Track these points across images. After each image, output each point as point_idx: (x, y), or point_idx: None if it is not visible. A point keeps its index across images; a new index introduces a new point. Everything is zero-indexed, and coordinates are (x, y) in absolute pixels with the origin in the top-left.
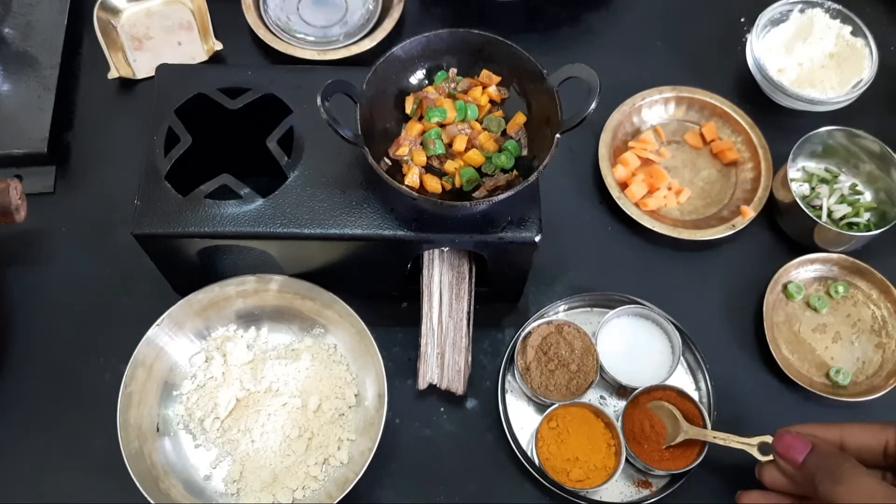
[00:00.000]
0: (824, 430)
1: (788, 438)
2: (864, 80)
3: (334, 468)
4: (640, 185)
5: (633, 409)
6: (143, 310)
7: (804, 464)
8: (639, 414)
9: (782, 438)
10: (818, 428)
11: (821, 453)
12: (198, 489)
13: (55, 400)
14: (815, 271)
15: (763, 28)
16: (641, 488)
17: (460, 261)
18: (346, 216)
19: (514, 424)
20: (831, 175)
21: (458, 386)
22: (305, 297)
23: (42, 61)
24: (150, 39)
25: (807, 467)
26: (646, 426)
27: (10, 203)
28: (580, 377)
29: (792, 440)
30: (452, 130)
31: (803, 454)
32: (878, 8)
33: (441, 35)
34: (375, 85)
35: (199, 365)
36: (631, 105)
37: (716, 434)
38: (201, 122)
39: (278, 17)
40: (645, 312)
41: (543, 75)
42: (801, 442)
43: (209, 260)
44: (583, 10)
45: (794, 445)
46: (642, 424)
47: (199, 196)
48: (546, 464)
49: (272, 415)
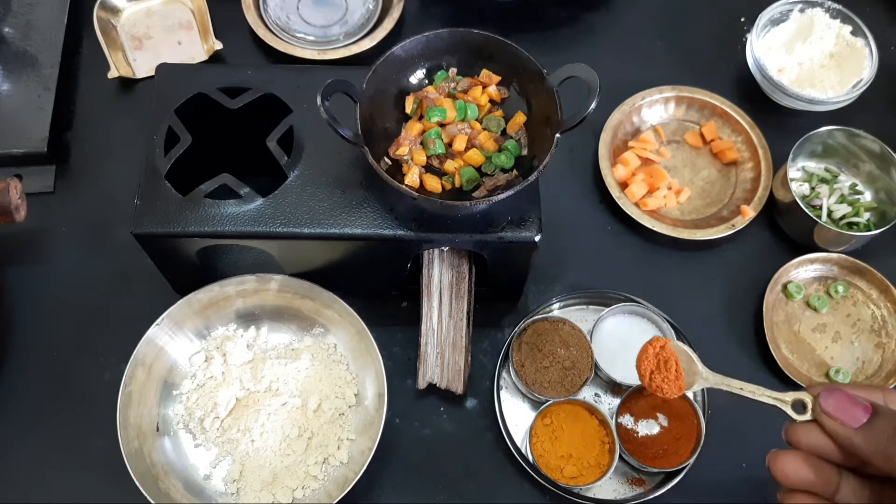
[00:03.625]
0: (866, 391)
1: (842, 396)
2: (863, 80)
3: (334, 468)
4: (640, 184)
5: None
6: (143, 309)
7: (870, 426)
8: (663, 353)
9: (834, 395)
10: (858, 388)
11: (892, 415)
12: (197, 489)
13: (55, 400)
14: (814, 271)
15: (763, 28)
16: (635, 486)
17: (460, 261)
18: (346, 216)
19: (510, 421)
20: (831, 175)
21: (457, 385)
22: (305, 297)
23: (42, 61)
24: (150, 39)
25: (876, 430)
26: (671, 366)
27: (10, 203)
28: (575, 374)
29: (847, 398)
30: (452, 130)
31: (866, 414)
32: (878, 8)
33: (441, 35)
34: (375, 84)
35: (198, 364)
36: (631, 105)
37: (742, 385)
38: (201, 122)
39: (278, 16)
40: (640, 310)
41: (543, 75)
42: (858, 401)
43: (209, 259)
44: (583, 10)
45: (851, 404)
46: (668, 363)
47: (198, 196)
48: (540, 460)
49: (272, 414)
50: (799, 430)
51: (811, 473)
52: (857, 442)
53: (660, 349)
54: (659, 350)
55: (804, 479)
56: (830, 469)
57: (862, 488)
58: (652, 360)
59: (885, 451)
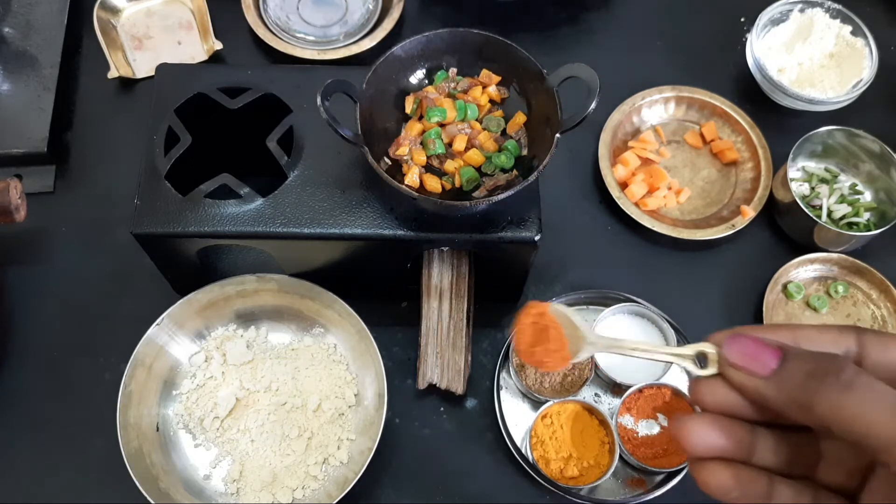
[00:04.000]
0: (773, 332)
1: (747, 342)
2: (863, 80)
3: (334, 468)
4: (640, 184)
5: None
6: (143, 309)
7: (780, 373)
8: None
9: (739, 342)
10: (765, 329)
11: (804, 356)
12: (197, 489)
13: (55, 399)
14: (814, 271)
15: (763, 28)
16: (635, 486)
17: (460, 261)
18: (346, 216)
19: (510, 421)
20: (831, 175)
21: (457, 386)
22: (305, 297)
23: (42, 61)
24: (150, 39)
25: (787, 377)
26: (551, 334)
27: (10, 202)
28: (574, 374)
29: (753, 343)
30: (452, 130)
31: (775, 359)
32: (878, 8)
33: (441, 35)
34: (375, 84)
35: (198, 364)
36: (631, 105)
37: (635, 345)
38: (201, 122)
39: (278, 16)
40: (640, 310)
41: (543, 75)
42: (765, 345)
43: (209, 259)
44: (582, 10)
45: (758, 350)
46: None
47: (198, 196)
48: (540, 461)
49: (272, 414)
50: (703, 387)
51: (720, 438)
52: (768, 393)
53: (536, 317)
54: (536, 319)
55: (712, 446)
56: (743, 428)
57: (780, 444)
58: (528, 331)
59: (798, 400)
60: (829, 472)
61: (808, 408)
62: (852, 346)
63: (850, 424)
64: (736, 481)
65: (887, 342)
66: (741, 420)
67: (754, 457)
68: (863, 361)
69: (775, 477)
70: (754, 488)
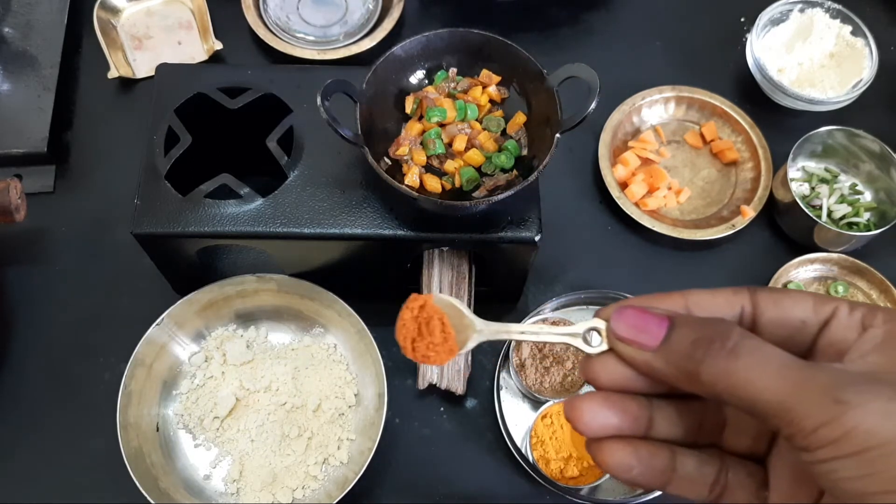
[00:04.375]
0: (664, 301)
1: (634, 313)
2: (863, 80)
3: (334, 468)
4: (640, 184)
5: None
6: (143, 310)
7: (667, 343)
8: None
9: (625, 315)
10: (656, 299)
11: (690, 324)
12: (197, 489)
13: (55, 400)
14: (814, 271)
15: (763, 28)
16: (636, 486)
17: (460, 261)
18: (346, 216)
19: (510, 421)
20: (831, 175)
21: (457, 386)
22: (305, 297)
23: (42, 61)
24: (150, 39)
25: (674, 347)
26: (434, 327)
27: (10, 203)
28: (575, 374)
29: (639, 315)
30: (452, 130)
31: (662, 330)
32: (878, 8)
33: (441, 35)
34: (375, 85)
35: (198, 364)
36: (631, 105)
37: (523, 329)
38: (201, 122)
39: (278, 16)
40: None
41: (543, 75)
42: (652, 315)
43: (209, 259)
44: (583, 10)
45: (644, 321)
46: (430, 324)
47: (198, 196)
48: (540, 461)
49: (272, 414)
50: (595, 365)
51: (612, 416)
52: (656, 365)
53: (419, 310)
54: (418, 311)
55: (605, 425)
56: (638, 404)
57: (682, 415)
58: (411, 325)
59: (685, 369)
60: (734, 439)
61: (695, 378)
62: (747, 305)
63: (738, 391)
64: (636, 458)
65: (780, 298)
66: (638, 395)
67: (653, 431)
68: (758, 320)
69: (678, 448)
70: (656, 462)
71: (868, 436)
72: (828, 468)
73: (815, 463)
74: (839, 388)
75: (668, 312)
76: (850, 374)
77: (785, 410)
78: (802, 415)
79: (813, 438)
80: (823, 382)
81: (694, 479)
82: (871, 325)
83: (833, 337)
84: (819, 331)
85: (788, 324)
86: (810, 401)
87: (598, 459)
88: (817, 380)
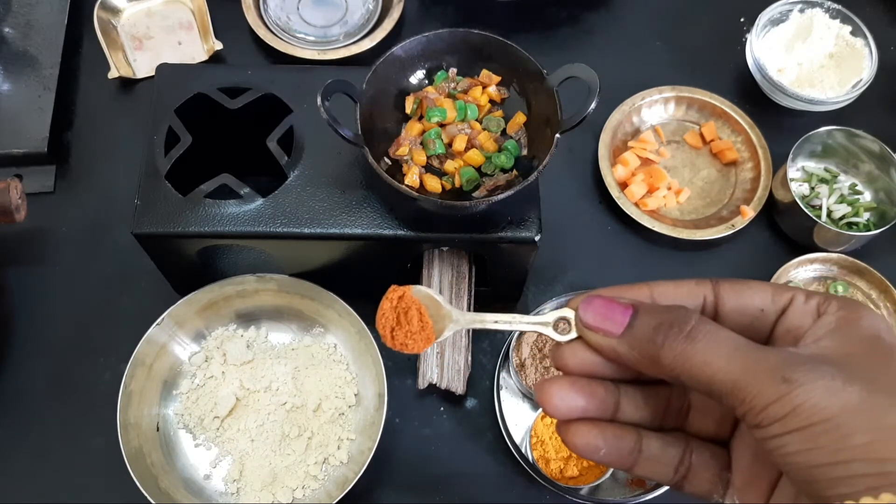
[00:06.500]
0: (630, 291)
1: (600, 303)
2: (863, 80)
3: (334, 467)
4: (640, 184)
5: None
6: (143, 310)
7: (631, 329)
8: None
9: (592, 304)
10: (623, 289)
11: (652, 311)
12: (198, 488)
13: (55, 399)
14: (814, 271)
15: (763, 28)
16: (635, 486)
17: (460, 261)
18: (346, 216)
19: (510, 421)
20: (831, 175)
21: (457, 385)
22: (305, 297)
23: (42, 61)
24: (150, 39)
25: (637, 333)
26: (412, 316)
27: (10, 203)
28: None
29: (605, 304)
30: (452, 130)
31: (626, 317)
32: (878, 8)
33: (441, 35)
34: (375, 85)
35: (198, 364)
36: (631, 105)
37: (497, 318)
38: (201, 122)
39: (278, 16)
40: None
41: (543, 75)
42: (617, 304)
43: (209, 259)
44: (582, 10)
45: (610, 310)
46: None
47: (199, 196)
48: (540, 461)
49: (272, 414)
50: (565, 352)
51: (580, 399)
52: (621, 350)
53: (398, 301)
54: (397, 302)
55: (573, 407)
56: (605, 388)
57: (648, 399)
58: (390, 315)
59: (647, 353)
60: (699, 423)
61: (656, 361)
62: (709, 295)
63: (696, 373)
64: (602, 439)
65: (741, 289)
66: (606, 380)
67: (620, 414)
68: (720, 309)
69: (645, 431)
70: (622, 444)
71: (813, 411)
72: (778, 443)
73: (767, 439)
74: (788, 367)
75: (633, 301)
76: (800, 355)
77: (738, 390)
78: (754, 393)
79: (763, 415)
80: (773, 363)
81: (659, 460)
82: (825, 311)
83: (790, 324)
84: (777, 318)
85: (748, 312)
86: (761, 380)
87: (566, 440)
88: (768, 361)
